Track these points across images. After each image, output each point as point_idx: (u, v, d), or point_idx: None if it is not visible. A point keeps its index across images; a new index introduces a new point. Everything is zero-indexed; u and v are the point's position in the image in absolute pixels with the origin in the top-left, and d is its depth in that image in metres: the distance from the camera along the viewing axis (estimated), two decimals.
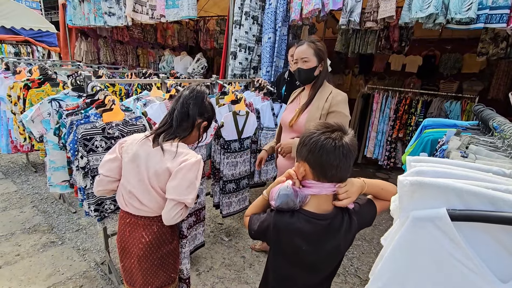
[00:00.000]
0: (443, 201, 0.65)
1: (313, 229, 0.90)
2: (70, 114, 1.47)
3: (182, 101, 1.19)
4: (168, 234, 1.25)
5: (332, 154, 0.83)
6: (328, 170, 0.86)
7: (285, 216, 0.92)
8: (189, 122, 1.19)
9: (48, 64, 4.14)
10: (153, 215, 1.19)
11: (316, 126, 0.89)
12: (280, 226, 0.92)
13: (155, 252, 1.21)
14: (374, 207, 1.00)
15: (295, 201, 0.89)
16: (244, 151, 2.38)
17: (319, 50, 1.56)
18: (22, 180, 3.45)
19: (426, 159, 0.86)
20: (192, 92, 1.21)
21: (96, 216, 1.56)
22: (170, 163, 1.12)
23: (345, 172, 0.88)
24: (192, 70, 5.35)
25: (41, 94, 2.38)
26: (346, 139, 0.85)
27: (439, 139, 1.32)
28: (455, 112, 3.74)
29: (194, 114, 1.19)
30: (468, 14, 2.16)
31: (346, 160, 0.84)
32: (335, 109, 1.55)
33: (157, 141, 1.15)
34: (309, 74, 1.60)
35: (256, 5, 3.29)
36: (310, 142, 0.86)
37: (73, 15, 5.43)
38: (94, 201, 1.53)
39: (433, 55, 5.76)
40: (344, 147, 0.84)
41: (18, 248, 2.25)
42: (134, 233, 1.20)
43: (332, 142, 0.84)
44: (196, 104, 1.20)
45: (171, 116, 1.19)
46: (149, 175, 1.14)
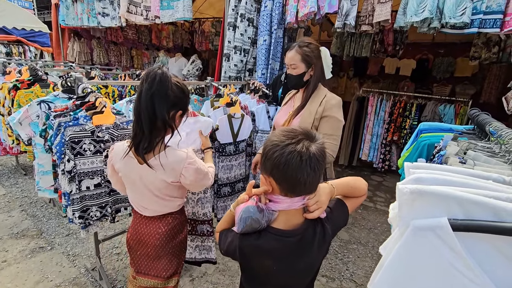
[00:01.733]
0: (444, 210, 0.63)
1: (283, 248, 0.83)
2: (58, 116, 1.42)
3: (144, 98, 1.00)
4: (180, 225, 1.31)
5: (298, 170, 0.74)
6: (296, 186, 0.78)
7: (251, 238, 0.83)
8: (161, 121, 1.03)
9: (39, 64, 4.06)
10: (165, 213, 1.24)
11: (279, 137, 0.78)
12: (246, 250, 0.85)
13: (170, 241, 1.26)
14: (346, 208, 0.94)
15: (260, 221, 0.81)
16: (239, 154, 2.35)
17: (307, 55, 1.50)
18: (11, 183, 3.36)
19: (424, 166, 0.85)
20: (152, 83, 0.99)
21: (80, 224, 1.50)
22: (164, 176, 1.11)
23: (314, 184, 0.81)
24: (187, 72, 5.31)
25: (30, 95, 2.32)
26: (314, 149, 0.75)
27: (435, 144, 1.32)
28: (448, 115, 3.78)
29: (162, 110, 1.02)
30: (462, 18, 2.17)
31: (315, 173, 0.76)
32: (328, 113, 1.51)
33: (140, 156, 1.07)
34: (298, 80, 1.57)
35: (251, 8, 3.28)
36: (273, 156, 0.76)
37: (66, 15, 5.35)
38: (79, 208, 1.48)
39: (426, 59, 5.83)
40: (312, 159, 0.74)
41: (5, 254, 2.18)
42: (150, 225, 1.24)
43: (297, 156, 0.73)
44: (161, 97, 1.01)
45: (139, 121, 1.03)
46: (149, 189, 1.15)
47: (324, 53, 1.54)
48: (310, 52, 1.51)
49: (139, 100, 1.02)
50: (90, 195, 1.52)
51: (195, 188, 1.23)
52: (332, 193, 0.90)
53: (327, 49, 1.56)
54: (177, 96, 1.06)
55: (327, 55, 1.54)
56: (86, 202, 1.50)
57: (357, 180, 0.95)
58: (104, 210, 1.58)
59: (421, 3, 2.31)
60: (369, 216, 3.26)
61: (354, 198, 0.97)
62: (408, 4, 2.40)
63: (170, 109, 1.06)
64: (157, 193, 1.16)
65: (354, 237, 2.83)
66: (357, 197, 0.97)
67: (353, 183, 0.94)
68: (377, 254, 2.57)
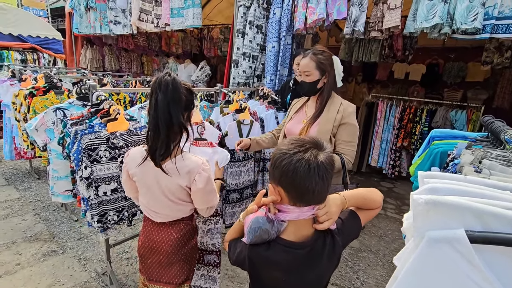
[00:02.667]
0: (460, 222, 0.62)
1: (293, 260, 0.82)
2: (75, 124, 1.46)
3: (162, 108, 1.02)
4: (192, 231, 1.33)
5: (306, 178, 0.74)
6: (304, 195, 0.77)
7: (260, 249, 0.83)
8: (178, 126, 1.07)
9: (53, 71, 4.18)
10: (176, 219, 1.25)
11: (287, 145, 0.78)
12: (255, 261, 0.84)
13: (182, 247, 1.27)
14: (358, 220, 0.91)
15: (269, 232, 0.81)
16: (248, 160, 2.36)
17: (321, 63, 1.52)
18: (25, 187, 3.44)
19: (438, 175, 0.84)
20: (166, 92, 1.02)
21: (99, 228, 1.53)
22: (179, 180, 1.13)
23: (323, 193, 0.80)
24: (196, 78, 5.38)
25: (45, 102, 2.39)
26: (322, 158, 0.75)
27: (448, 151, 1.30)
28: (460, 121, 3.71)
29: (178, 116, 1.06)
30: (474, 24, 2.15)
31: (323, 182, 0.76)
32: (347, 120, 1.53)
33: (157, 162, 1.09)
34: (311, 87, 1.58)
35: (260, 15, 3.32)
36: (281, 164, 0.76)
37: (79, 23, 5.50)
38: (97, 212, 1.52)
39: (436, 64, 5.76)
40: (320, 167, 0.74)
41: (19, 257, 2.23)
42: (162, 232, 1.24)
43: (305, 164, 0.74)
44: (177, 103, 1.05)
45: (156, 130, 1.05)
46: (165, 193, 1.16)
47: (336, 62, 1.56)
48: (325, 60, 1.53)
49: (156, 109, 1.03)
50: (107, 200, 1.55)
51: (201, 202, 1.20)
52: (344, 205, 0.88)
53: (338, 58, 1.58)
54: (188, 99, 1.12)
55: (338, 64, 1.57)
56: (103, 207, 1.53)
57: (371, 191, 0.93)
58: (121, 214, 1.62)
59: (431, 9, 2.30)
60: (380, 224, 3.21)
61: (368, 210, 0.94)
62: (418, 10, 2.39)
63: (184, 112, 1.11)
64: (171, 197, 1.17)
65: (365, 244, 2.79)
66: (371, 209, 0.94)
67: (367, 195, 0.92)
68: (388, 262, 2.53)
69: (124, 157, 1.19)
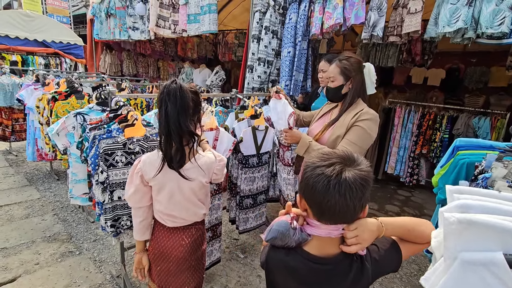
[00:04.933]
0: (498, 244, 0.57)
1: (310, 272, 0.78)
2: (93, 128, 1.49)
3: (172, 116, 1.04)
4: (202, 237, 1.33)
5: (326, 194, 0.70)
6: (324, 212, 0.74)
7: (280, 253, 0.81)
8: (189, 132, 1.10)
9: (74, 76, 4.33)
10: (190, 223, 1.26)
11: (314, 158, 0.76)
12: (271, 264, 0.83)
13: (193, 253, 1.28)
14: (399, 253, 0.81)
15: (289, 239, 0.78)
16: (262, 166, 2.34)
17: (345, 68, 1.51)
18: (45, 187, 3.55)
19: (468, 190, 0.78)
20: (176, 101, 1.04)
21: (112, 232, 1.55)
22: (202, 178, 1.20)
23: (348, 213, 0.73)
24: (210, 82, 5.44)
25: (67, 106, 2.46)
26: (348, 174, 0.70)
27: (476, 163, 1.23)
28: (484, 128, 3.55)
29: (187, 123, 1.08)
30: (501, 28, 2.06)
31: (345, 201, 0.69)
32: (358, 123, 1.47)
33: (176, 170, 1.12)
34: (335, 92, 1.57)
35: (276, 20, 3.31)
36: (304, 177, 0.75)
37: (100, 29, 5.68)
38: (111, 217, 1.53)
39: (457, 68, 5.57)
40: (342, 185, 0.69)
41: (38, 257, 2.29)
42: (173, 237, 1.24)
43: (325, 180, 0.70)
44: (186, 111, 1.07)
45: (169, 138, 1.07)
46: (187, 195, 1.19)
47: (368, 68, 1.55)
48: (350, 66, 1.52)
49: (167, 119, 1.05)
50: (121, 204, 1.57)
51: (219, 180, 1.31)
52: (380, 232, 0.80)
53: (372, 65, 1.56)
54: (196, 102, 1.16)
55: (371, 70, 1.55)
56: (117, 212, 1.55)
57: (420, 223, 0.82)
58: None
59: (455, 13, 2.22)
60: None
61: (412, 244, 0.83)
62: (440, 14, 2.31)
63: (193, 117, 1.15)
64: (193, 199, 1.21)
65: None
66: (416, 243, 0.83)
67: (412, 226, 0.82)
68: (406, 275, 2.43)
69: (136, 163, 1.16)
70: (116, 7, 5.19)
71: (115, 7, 5.19)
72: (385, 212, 3.60)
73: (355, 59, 1.53)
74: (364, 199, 0.73)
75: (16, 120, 4.43)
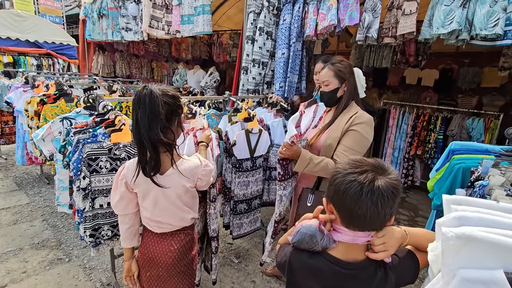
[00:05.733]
0: (498, 261, 0.54)
1: (334, 275, 0.79)
2: (78, 132, 1.44)
3: (141, 124, 1.00)
4: (191, 241, 1.29)
5: (358, 201, 0.70)
6: (354, 218, 0.74)
7: (303, 255, 0.82)
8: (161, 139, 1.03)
9: (65, 77, 4.24)
10: (178, 229, 1.23)
11: (344, 164, 0.77)
12: (295, 266, 0.83)
13: (182, 259, 1.25)
14: (416, 262, 0.82)
15: (316, 242, 0.78)
16: (256, 170, 2.30)
17: (340, 71, 1.50)
18: (35, 192, 3.47)
19: (465, 200, 0.75)
20: (145, 107, 0.99)
21: (91, 242, 1.49)
22: (186, 183, 1.16)
23: (378, 221, 0.74)
24: (204, 84, 5.39)
25: (56, 110, 2.40)
26: (380, 182, 0.70)
27: (472, 168, 1.21)
28: (477, 129, 3.56)
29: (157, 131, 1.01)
30: (495, 30, 2.05)
31: (377, 209, 0.70)
32: (354, 128, 1.46)
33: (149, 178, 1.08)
34: (331, 96, 1.56)
35: (270, 21, 3.28)
36: (335, 182, 0.75)
37: (92, 30, 5.60)
38: (91, 226, 1.47)
39: (450, 69, 5.60)
40: (374, 192, 0.69)
41: (25, 265, 2.22)
42: (162, 243, 1.22)
43: (358, 187, 0.70)
44: (156, 118, 1.00)
45: (141, 147, 1.04)
46: (172, 200, 1.15)
47: (357, 73, 1.58)
48: (343, 68, 1.52)
49: (137, 126, 1.01)
50: (102, 213, 1.51)
51: (205, 186, 1.27)
52: (404, 240, 0.81)
53: (360, 70, 1.57)
54: (171, 107, 1.07)
55: (360, 75, 1.56)
56: (98, 220, 1.49)
57: (423, 230, 0.85)
58: (115, 229, 1.56)
59: (449, 15, 2.21)
60: None
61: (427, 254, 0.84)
62: (434, 16, 2.30)
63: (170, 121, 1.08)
64: (178, 203, 1.17)
65: None
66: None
67: (430, 236, 0.82)
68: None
69: (120, 170, 1.14)
70: (109, 7, 5.11)
71: (108, 7, 5.11)
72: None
73: (347, 62, 1.53)
74: (394, 208, 0.74)
75: (5, 122, 4.33)
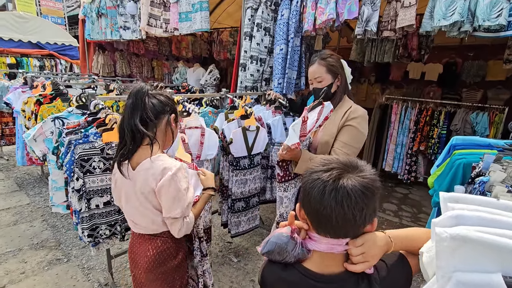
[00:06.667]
0: (496, 264, 0.50)
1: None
2: (70, 133, 1.41)
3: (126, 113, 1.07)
4: (172, 249, 1.22)
5: (321, 201, 0.64)
6: (320, 222, 0.67)
7: (277, 268, 0.74)
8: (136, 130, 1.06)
9: (64, 78, 4.24)
10: (154, 232, 1.18)
11: (314, 163, 0.71)
12: (268, 280, 0.76)
13: (159, 266, 1.20)
14: (408, 268, 0.74)
15: (287, 254, 0.71)
16: (254, 168, 2.27)
17: (332, 65, 1.46)
18: (35, 192, 3.48)
19: (463, 198, 0.71)
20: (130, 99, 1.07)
21: (90, 242, 1.47)
22: (152, 182, 1.08)
23: (349, 226, 0.66)
24: (204, 82, 5.35)
25: (52, 110, 2.38)
26: (347, 181, 0.63)
27: (473, 163, 1.16)
28: (482, 124, 3.48)
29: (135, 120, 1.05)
30: (498, 21, 1.98)
31: (343, 210, 0.62)
32: (350, 123, 1.42)
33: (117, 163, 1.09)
34: (325, 92, 1.50)
35: (268, 17, 3.23)
36: (302, 182, 0.70)
37: (91, 29, 5.58)
38: (88, 226, 1.46)
39: (454, 62, 5.49)
40: (339, 191, 0.62)
41: (24, 266, 2.22)
42: (142, 245, 1.20)
43: (321, 185, 0.64)
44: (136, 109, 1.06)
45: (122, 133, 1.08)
46: (139, 199, 1.11)
47: (344, 65, 1.51)
48: (335, 62, 1.47)
49: (123, 114, 1.08)
50: (99, 213, 1.49)
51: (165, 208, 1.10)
52: (389, 247, 0.72)
53: (344, 61, 1.53)
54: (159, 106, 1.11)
55: (346, 67, 1.51)
56: (95, 220, 1.47)
57: (426, 232, 0.75)
58: (113, 228, 1.55)
59: (450, 6, 2.14)
60: None
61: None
62: (435, 7, 2.23)
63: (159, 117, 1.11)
64: (146, 204, 1.11)
65: None
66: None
67: (419, 236, 0.75)
68: None
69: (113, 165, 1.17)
70: (107, 6, 5.08)
71: (106, 6, 5.09)
72: (382, 210, 3.54)
73: (336, 56, 1.49)
74: (367, 211, 0.65)
75: (6, 124, 4.35)
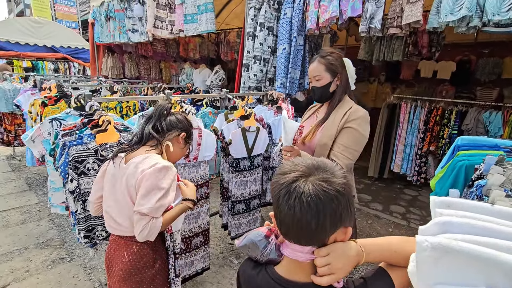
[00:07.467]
0: (481, 277, 0.46)
1: None
2: (66, 135, 1.43)
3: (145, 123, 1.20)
4: (149, 257, 1.17)
5: (278, 205, 0.61)
6: (282, 225, 0.63)
7: (251, 265, 0.74)
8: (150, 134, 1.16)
9: (72, 80, 4.34)
10: (130, 234, 1.13)
11: (284, 165, 0.66)
12: (242, 279, 0.77)
13: (134, 275, 1.14)
14: (390, 282, 0.64)
15: (259, 252, 0.70)
16: (254, 169, 2.24)
17: (331, 64, 1.40)
18: (44, 192, 3.56)
19: (456, 203, 0.66)
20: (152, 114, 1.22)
21: (86, 243, 1.48)
22: (140, 176, 1.07)
23: (306, 232, 0.60)
24: (210, 82, 5.37)
25: (56, 111, 2.42)
26: (302, 184, 0.58)
27: (476, 165, 1.09)
28: (495, 123, 3.33)
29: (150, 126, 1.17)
30: (509, 14, 1.87)
31: (296, 215, 0.58)
32: (350, 124, 1.38)
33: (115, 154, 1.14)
34: (323, 91, 1.45)
35: (271, 16, 3.20)
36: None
37: (101, 32, 5.70)
38: (84, 227, 1.47)
39: (468, 60, 5.30)
40: (291, 195, 0.58)
41: (29, 264, 2.27)
42: (117, 251, 1.16)
43: (276, 189, 0.61)
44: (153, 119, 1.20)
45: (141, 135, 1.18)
46: (124, 192, 1.09)
47: (347, 64, 1.44)
48: (334, 61, 1.42)
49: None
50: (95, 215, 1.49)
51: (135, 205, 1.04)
52: (360, 258, 0.65)
53: (349, 60, 1.45)
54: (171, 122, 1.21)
55: (350, 66, 1.45)
56: (91, 222, 1.48)
57: (407, 241, 0.66)
58: None
59: (458, 0, 2.05)
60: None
61: (404, 269, 0.62)
62: (442, 2, 2.15)
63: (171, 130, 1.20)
64: (127, 199, 1.09)
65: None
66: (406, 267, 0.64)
67: (399, 245, 0.65)
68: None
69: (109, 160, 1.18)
70: (115, 9, 5.18)
71: (114, 9, 5.18)
72: (389, 213, 3.43)
73: (337, 54, 1.42)
74: (327, 218, 0.58)
75: (18, 125, 4.48)
